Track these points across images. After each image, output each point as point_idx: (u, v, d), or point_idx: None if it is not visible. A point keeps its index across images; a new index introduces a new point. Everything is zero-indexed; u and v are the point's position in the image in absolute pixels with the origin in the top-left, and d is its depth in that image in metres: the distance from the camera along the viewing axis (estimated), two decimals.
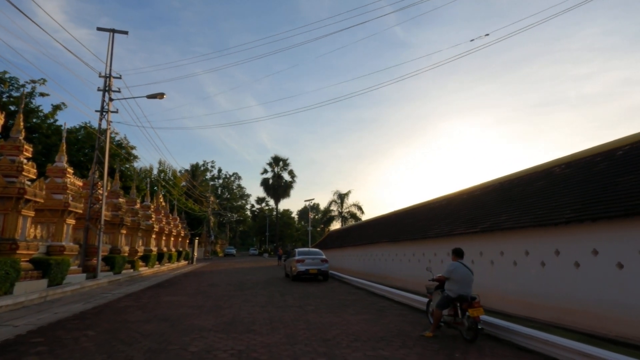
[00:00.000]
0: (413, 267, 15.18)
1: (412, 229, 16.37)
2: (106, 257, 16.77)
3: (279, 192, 61.52)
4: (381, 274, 18.85)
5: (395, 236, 17.36)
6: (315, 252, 18.77)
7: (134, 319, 8.15)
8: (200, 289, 14.03)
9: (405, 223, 18.36)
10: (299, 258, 17.78)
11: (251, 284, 16.35)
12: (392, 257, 17.61)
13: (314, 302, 10.67)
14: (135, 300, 11.17)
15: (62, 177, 13.59)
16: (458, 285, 6.45)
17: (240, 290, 13.83)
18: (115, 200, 18.81)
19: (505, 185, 12.46)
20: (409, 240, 15.37)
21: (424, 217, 16.60)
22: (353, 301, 11.07)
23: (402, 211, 21.40)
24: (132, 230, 21.08)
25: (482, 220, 11.16)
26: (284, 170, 62.98)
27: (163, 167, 57.74)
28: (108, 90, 16.09)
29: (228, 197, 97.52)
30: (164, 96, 16.30)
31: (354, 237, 26.35)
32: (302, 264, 17.58)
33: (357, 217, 52.31)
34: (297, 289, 14.41)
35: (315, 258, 17.89)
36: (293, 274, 17.79)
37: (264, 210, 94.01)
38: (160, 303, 10.56)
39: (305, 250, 19.19)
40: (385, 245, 18.33)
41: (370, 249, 20.75)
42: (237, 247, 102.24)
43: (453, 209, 14.71)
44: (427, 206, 18.23)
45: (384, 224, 21.96)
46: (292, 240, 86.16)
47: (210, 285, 15.65)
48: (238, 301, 10.91)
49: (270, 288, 14.61)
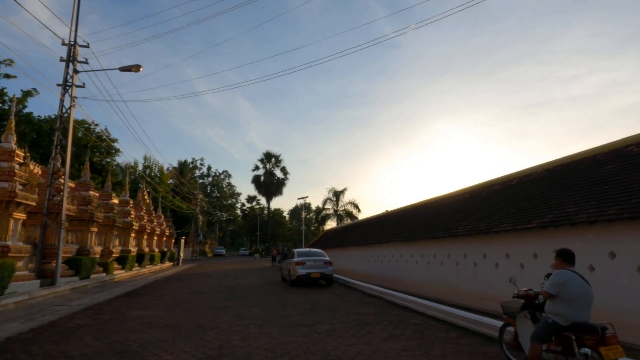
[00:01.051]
0: (434, 270, 12.90)
1: (431, 225, 14.09)
2: (71, 259, 14.15)
3: (270, 190, 58.92)
4: (391, 278, 16.54)
5: (410, 234, 15.06)
6: (317, 253, 16.37)
7: (75, 350, 5.67)
8: (181, 299, 11.54)
9: (420, 219, 16.07)
10: (298, 260, 15.38)
11: (243, 290, 13.90)
12: (405, 259, 15.32)
13: (326, 318, 8.29)
14: (94, 316, 8.65)
15: (9, 160, 10.96)
16: (572, 307, 4.13)
17: (230, 299, 11.39)
18: (85, 193, 16.17)
19: (555, 172, 10.22)
20: (430, 239, 13.08)
21: (445, 212, 14.33)
22: (375, 316, 8.70)
23: (414, 207, 19.12)
24: (105, 228, 18.43)
25: (535, 213, 8.91)
26: (276, 166, 60.43)
27: (149, 162, 54.78)
28: (72, 60, 13.47)
29: (218, 195, 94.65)
30: (139, 69, 13.75)
31: (356, 236, 24.02)
32: (302, 267, 15.18)
33: (353, 215, 50.01)
34: (300, 297, 12.01)
35: (317, 260, 15.49)
36: (292, 278, 15.38)
37: (254, 209, 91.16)
38: (125, 321, 8.07)
39: (306, 250, 16.77)
40: (397, 245, 16.02)
41: (378, 249, 18.44)
42: (227, 247, 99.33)
43: (483, 202, 12.46)
44: (445, 200, 15.97)
45: (393, 222, 19.66)
46: (283, 240, 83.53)
47: (194, 292, 13.15)
48: (227, 317, 8.48)
49: (267, 296, 12.19)
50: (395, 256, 16.29)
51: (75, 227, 15.58)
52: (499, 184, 12.75)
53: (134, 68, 13.74)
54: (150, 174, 53.32)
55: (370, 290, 13.27)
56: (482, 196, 13.08)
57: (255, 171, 60.07)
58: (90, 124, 38.43)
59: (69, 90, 13.36)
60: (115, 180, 39.15)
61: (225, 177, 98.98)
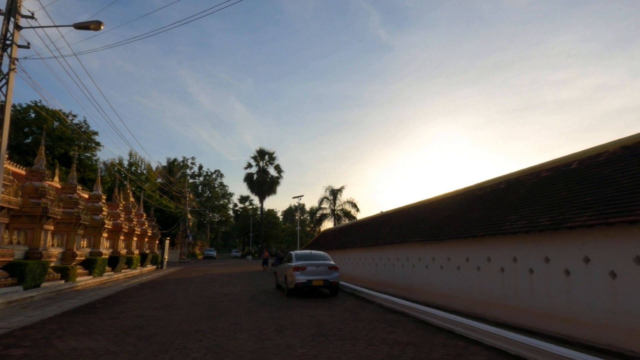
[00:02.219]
0: (468, 277, 10.31)
1: (460, 222, 11.51)
2: (12, 264, 11.32)
3: (264, 189, 56.06)
4: (406, 285, 13.95)
5: (432, 233, 12.46)
6: (319, 256, 13.69)
7: None
8: (146, 317, 8.79)
9: (442, 216, 13.48)
10: (297, 264, 12.68)
11: (228, 303, 11.19)
12: (425, 263, 12.73)
13: (344, 354, 5.62)
14: (5, 349, 5.90)
15: None
16: None
17: (210, 318, 8.67)
18: (37, 184, 13.33)
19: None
20: (462, 238, 10.48)
21: (477, 206, 11.76)
22: (415, 348, 6.04)
23: (430, 202, 16.53)
24: (68, 227, 15.58)
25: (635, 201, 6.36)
26: (270, 164, 57.61)
27: (135, 159, 51.68)
28: (13, 13, 10.68)
29: (209, 195, 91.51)
30: (100, 26, 11.00)
31: (360, 236, 21.38)
32: (302, 273, 12.50)
33: (351, 215, 47.33)
34: (300, 314, 9.33)
35: (320, 264, 12.81)
36: (289, 286, 12.69)
37: (247, 209, 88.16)
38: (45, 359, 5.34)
39: (305, 253, 14.04)
40: (414, 247, 13.42)
41: (388, 251, 15.82)
42: (219, 249, 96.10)
43: (529, 192, 9.91)
44: (469, 193, 13.41)
45: (406, 219, 17.05)
46: (277, 241, 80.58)
47: (166, 307, 10.40)
48: (199, 352, 5.77)
49: (258, 312, 9.48)
50: (412, 259, 13.69)
51: (23, 224, 12.76)
52: (550, 169, 10.20)
53: (92, 25, 10.98)
54: (136, 171, 50.28)
55: (388, 303, 10.62)
56: (526, 185, 10.53)
57: (248, 169, 57.24)
58: (68, 115, 35.42)
59: (7, 50, 10.55)
60: (93, 176, 36.17)
61: (217, 177, 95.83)
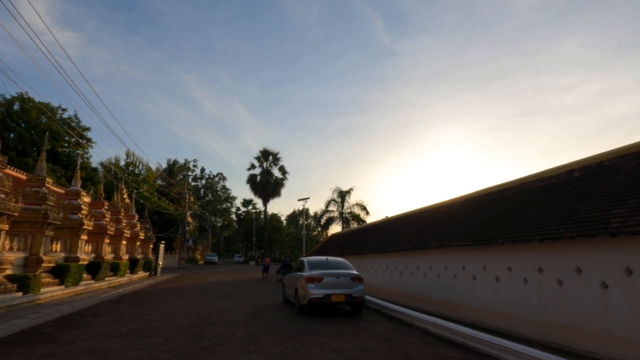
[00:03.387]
0: (541, 293, 7.51)
1: (523, 222, 8.74)
2: None
3: (268, 191, 53.21)
4: (444, 300, 11.14)
5: (485, 236, 9.67)
6: (338, 264, 10.90)
7: None
8: (98, 353, 6.05)
9: (490, 215, 10.70)
10: (312, 274, 9.90)
11: (222, 325, 8.44)
12: (473, 272, 9.92)
13: None
14: None
15: None
16: None
17: (191, 355, 5.92)
18: None
19: None
20: (534, 241, 7.70)
21: (546, 201, 8.97)
22: None
23: (465, 199, 13.75)
24: (33, 227, 12.94)
25: None
26: (274, 165, 54.75)
27: (133, 159, 49.24)
28: None
29: (211, 199, 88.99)
30: None
31: (377, 240, 18.59)
32: (317, 285, 9.72)
33: (360, 218, 44.47)
34: (321, 346, 6.54)
35: (340, 275, 9.99)
36: (301, 302, 9.91)
37: (250, 213, 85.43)
38: None
39: (321, 260, 11.21)
40: (458, 252, 10.62)
41: (419, 257, 13.02)
42: (222, 254, 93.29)
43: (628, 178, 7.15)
44: (531, 185, 10.64)
45: (436, 220, 14.25)
46: (281, 246, 77.70)
47: (137, 331, 7.65)
48: None
49: (262, 343, 6.70)
50: (452, 268, 10.90)
51: None
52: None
53: None
54: (133, 172, 47.82)
55: (438, 329, 7.80)
56: (622, 170, 7.77)
57: (251, 170, 54.39)
58: (58, 109, 32.97)
59: None
60: (84, 175, 33.61)
61: (219, 180, 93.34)
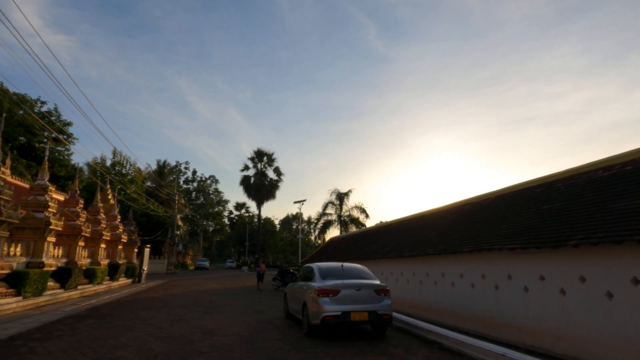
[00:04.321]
0: (633, 312, 5.39)
1: (598, 218, 6.63)
2: None
3: (262, 193, 50.89)
4: (482, 315, 8.93)
5: (543, 238, 7.54)
6: (356, 272, 8.64)
7: None
8: None
9: (538, 212, 8.59)
10: (326, 286, 7.66)
11: (208, 356, 6.18)
12: (524, 283, 7.74)
13: None
14: None
15: None
16: None
17: None
18: None
19: None
20: (622, 242, 5.58)
21: (627, 191, 6.89)
22: None
23: (497, 195, 11.62)
24: None
25: None
26: (269, 166, 52.52)
27: (119, 158, 46.64)
28: None
29: (203, 202, 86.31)
30: None
31: (388, 244, 16.41)
32: (332, 300, 7.48)
33: (359, 222, 42.31)
34: None
35: (362, 286, 7.75)
36: (312, 320, 7.67)
37: (243, 217, 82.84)
38: None
39: (335, 267, 8.86)
40: (501, 258, 8.45)
41: (445, 263, 10.83)
42: (214, 259, 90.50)
43: None
44: (594, 175, 8.56)
45: (462, 220, 12.10)
46: (275, 251, 75.15)
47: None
48: None
49: None
50: (492, 276, 8.73)
51: None
52: None
53: None
54: (121, 172, 45.25)
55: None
56: None
57: (245, 171, 52.09)
58: (36, 101, 30.47)
59: None
60: (64, 173, 31.08)
61: (212, 183, 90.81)
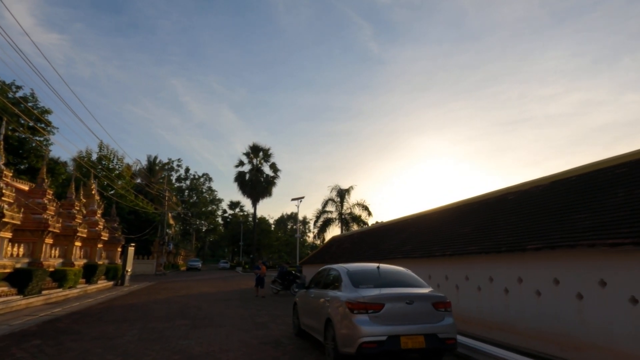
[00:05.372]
0: None
1: None
2: None
3: (258, 190, 48.51)
4: (555, 333, 6.57)
5: None
6: (400, 276, 6.22)
7: None
8: None
9: (620, 198, 6.31)
10: (364, 299, 5.23)
11: None
12: (632, 292, 5.50)
13: None
14: None
15: None
16: None
17: None
18: None
19: None
20: None
21: None
22: None
23: (549, 179, 9.33)
24: None
25: None
26: (265, 162, 50.19)
27: (107, 152, 43.89)
28: None
29: (196, 201, 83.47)
30: None
31: (408, 241, 14.08)
32: (374, 318, 5.07)
33: (361, 220, 40.11)
34: None
35: (413, 297, 5.32)
36: (343, 347, 5.24)
37: (238, 216, 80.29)
38: None
39: (370, 269, 6.37)
40: (590, 258, 6.17)
41: (492, 264, 8.49)
42: (207, 260, 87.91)
43: None
44: None
45: (506, 210, 9.78)
46: (270, 251, 72.71)
47: None
48: None
49: None
50: (573, 282, 6.45)
51: None
52: None
53: None
54: (107, 166, 42.56)
55: None
56: None
57: (240, 167, 49.70)
58: (10, 85, 27.78)
59: None
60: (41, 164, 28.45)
61: (205, 181, 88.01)
